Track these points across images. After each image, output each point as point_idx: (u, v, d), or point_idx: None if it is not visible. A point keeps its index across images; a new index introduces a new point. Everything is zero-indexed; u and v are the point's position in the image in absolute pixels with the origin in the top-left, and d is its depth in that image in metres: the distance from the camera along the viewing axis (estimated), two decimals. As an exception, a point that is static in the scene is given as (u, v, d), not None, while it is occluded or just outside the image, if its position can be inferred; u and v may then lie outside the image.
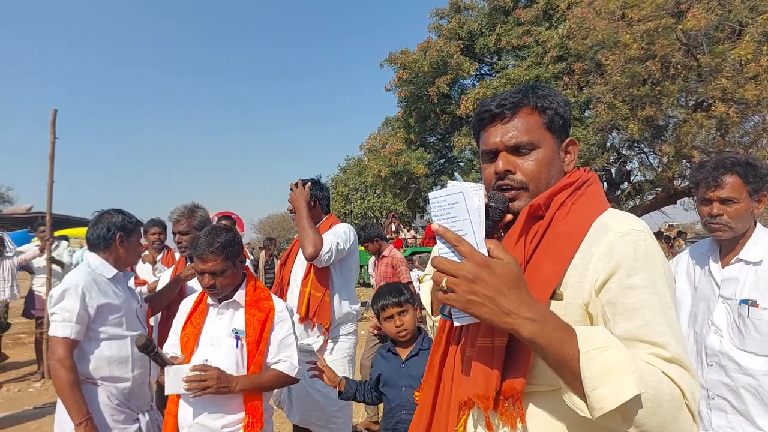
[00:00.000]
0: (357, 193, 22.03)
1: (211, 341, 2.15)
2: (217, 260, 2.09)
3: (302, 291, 2.93)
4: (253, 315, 2.16)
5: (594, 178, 1.17)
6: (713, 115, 11.03)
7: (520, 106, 1.15)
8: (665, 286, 0.98)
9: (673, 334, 0.94)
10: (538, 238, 1.08)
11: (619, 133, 13.71)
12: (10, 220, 15.44)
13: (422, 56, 15.08)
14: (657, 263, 1.00)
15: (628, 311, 0.96)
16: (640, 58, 11.27)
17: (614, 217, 1.07)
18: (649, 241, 1.02)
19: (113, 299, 2.34)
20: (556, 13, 15.28)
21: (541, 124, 1.15)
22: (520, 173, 1.14)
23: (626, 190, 15.21)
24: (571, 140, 1.20)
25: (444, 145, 18.23)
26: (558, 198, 1.11)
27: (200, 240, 2.11)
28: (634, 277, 0.97)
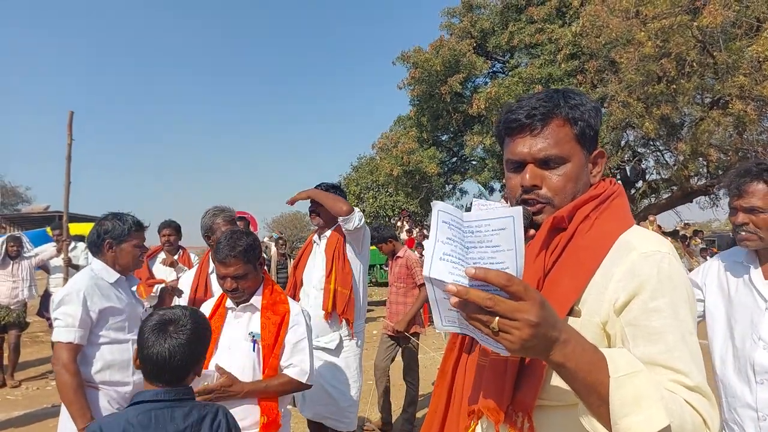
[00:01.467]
0: (369, 192, 22.05)
1: (229, 344, 2.18)
2: (239, 264, 2.12)
3: (327, 288, 3.07)
4: (269, 318, 2.19)
5: (620, 191, 1.15)
6: (730, 113, 10.88)
7: (551, 116, 1.10)
8: (687, 311, 0.98)
9: (695, 362, 0.94)
10: (559, 250, 1.06)
11: (634, 131, 13.58)
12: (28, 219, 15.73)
13: (434, 55, 15.05)
14: (680, 287, 0.99)
15: (651, 335, 0.95)
16: (654, 55, 11.14)
17: (638, 236, 1.05)
18: (674, 264, 1.01)
19: (116, 303, 2.36)
20: (569, 10, 15.15)
21: (572, 137, 1.10)
22: (547, 188, 1.10)
23: (641, 189, 15.05)
24: (600, 151, 1.17)
25: (456, 143, 18.17)
26: (582, 210, 1.08)
27: (221, 245, 2.14)
28: (658, 300, 0.96)
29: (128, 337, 2.39)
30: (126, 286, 2.51)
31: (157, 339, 1.43)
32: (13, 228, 14.47)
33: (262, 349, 2.15)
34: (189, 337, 1.45)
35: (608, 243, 1.03)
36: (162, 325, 1.46)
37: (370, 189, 22.23)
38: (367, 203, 21.61)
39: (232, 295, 2.18)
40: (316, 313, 3.04)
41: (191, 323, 1.49)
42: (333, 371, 3.06)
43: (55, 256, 6.73)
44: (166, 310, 1.53)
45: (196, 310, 1.61)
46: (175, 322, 1.48)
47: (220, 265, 2.14)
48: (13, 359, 6.17)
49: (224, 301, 2.27)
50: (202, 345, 1.54)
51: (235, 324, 2.22)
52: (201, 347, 1.53)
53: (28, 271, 6.45)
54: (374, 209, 21.31)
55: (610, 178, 1.20)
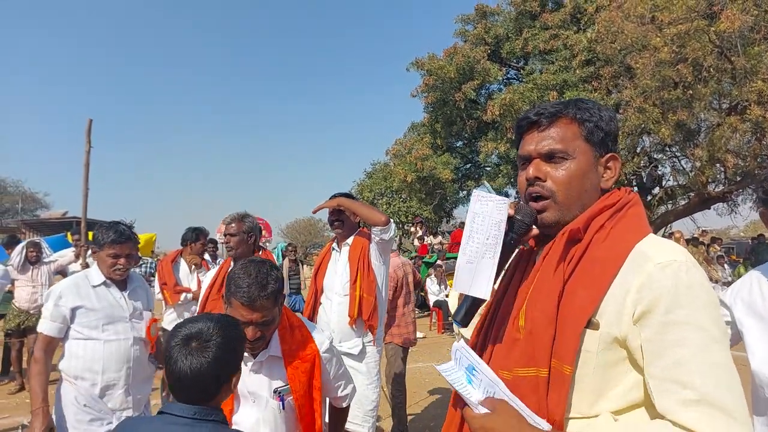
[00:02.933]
0: (383, 198, 22.06)
1: (252, 398, 1.81)
2: (268, 308, 1.69)
3: (352, 295, 3.13)
4: (297, 368, 1.83)
5: (635, 199, 1.13)
6: (748, 119, 10.72)
7: (558, 115, 1.14)
8: (709, 320, 0.94)
9: (711, 371, 0.90)
10: (575, 262, 1.06)
11: (650, 137, 13.43)
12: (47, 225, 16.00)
13: (448, 62, 15.06)
14: (700, 295, 0.95)
15: (665, 349, 0.94)
16: (670, 61, 11.03)
17: (654, 245, 1.03)
18: (692, 272, 0.97)
19: (90, 303, 2.52)
20: (583, 16, 15.08)
21: (579, 135, 1.13)
22: (551, 181, 1.12)
23: (658, 195, 14.86)
24: (613, 155, 1.15)
25: (470, 150, 18.13)
26: (597, 221, 1.07)
27: (242, 280, 1.66)
28: (675, 312, 0.94)
29: (102, 336, 2.52)
30: (115, 289, 2.63)
31: (179, 355, 1.28)
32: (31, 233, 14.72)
33: (294, 401, 1.82)
34: (215, 353, 1.29)
35: (624, 253, 1.02)
36: (185, 341, 1.30)
37: (383, 195, 22.25)
38: (380, 209, 21.62)
39: (252, 346, 1.73)
40: (340, 319, 3.15)
41: (219, 337, 1.31)
42: (355, 376, 3.12)
43: (73, 261, 6.86)
44: (192, 323, 1.36)
45: (227, 321, 1.40)
46: (199, 337, 1.31)
47: (245, 309, 1.66)
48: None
49: None
50: (233, 360, 1.36)
51: (253, 376, 1.82)
52: (231, 363, 1.36)
53: (47, 276, 6.56)
54: (388, 215, 21.31)
55: (626, 187, 1.18)
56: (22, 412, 5.23)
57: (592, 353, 1.00)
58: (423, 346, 8.64)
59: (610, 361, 1.00)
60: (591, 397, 1.00)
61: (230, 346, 1.35)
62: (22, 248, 6.41)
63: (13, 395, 6.03)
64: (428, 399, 5.64)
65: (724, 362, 0.91)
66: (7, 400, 5.86)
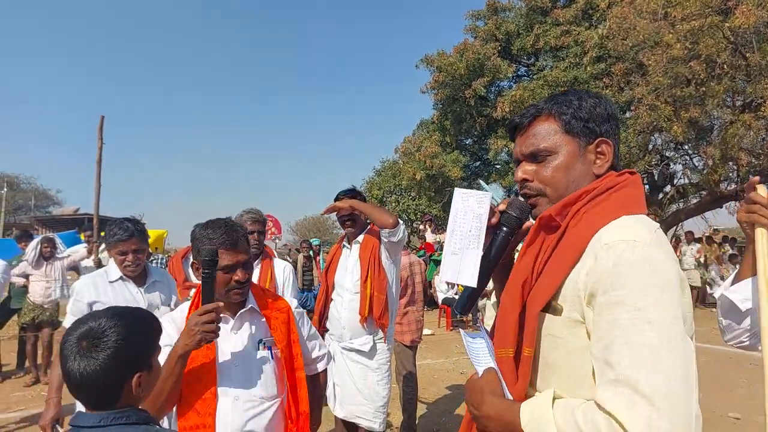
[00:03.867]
0: (392, 195, 22.09)
1: (235, 362, 1.80)
2: (247, 250, 1.82)
3: (363, 293, 3.12)
4: (277, 318, 1.91)
5: (625, 182, 1.10)
6: (762, 116, 10.59)
7: (536, 115, 1.18)
8: (647, 300, 0.90)
9: (635, 352, 0.87)
10: (551, 249, 1.08)
11: (662, 135, 13.31)
12: (59, 221, 16.19)
13: (459, 58, 14.99)
14: (642, 275, 0.92)
15: (602, 330, 0.93)
16: (683, 58, 10.91)
17: (611, 227, 1.02)
18: (639, 251, 0.94)
19: (105, 298, 2.59)
20: (595, 12, 14.95)
21: (558, 130, 1.15)
22: (537, 180, 1.17)
23: (670, 193, 14.74)
24: (603, 140, 1.15)
25: (480, 147, 18.06)
26: (575, 207, 1.08)
27: (223, 231, 1.76)
28: (612, 292, 0.93)
29: None
30: (132, 284, 2.70)
31: (69, 357, 1.15)
32: (44, 230, 14.91)
33: (280, 351, 1.87)
34: (107, 353, 1.14)
35: (586, 238, 1.03)
36: (78, 340, 1.16)
37: (392, 193, 22.27)
38: (389, 207, 21.64)
39: (240, 290, 1.79)
40: (351, 316, 3.16)
41: (113, 334, 1.16)
42: (366, 372, 3.16)
43: (86, 257, 6.95)
44: (86, 320, 1.20)
45: (124, 314, 1.24)
46: (88, 336, 1.16)
47: (230, 252, 1.74)
48: (47, 357, 6.37)
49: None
50: (133, 357, 1.19)
51: (233, 336, 1.84)
52: (131, 360, 1.19)
53: (60, 271, 6.66)
54: (397, 213, 21.32)
55: (624, 170, 1.15)
56: (38, 405, 5.32)
57: (561, 338, 1.03)
58: (431, 343, 8.66)
59: (580, 346, 1.00)
60: (569, 383, 1.02)
61: (128, 341, 1.18)
62: (37, 243, 6.52)
63: (28, 387, 6.14)
64: (437, 395, 5.66)
65: (655, 343, 0.86)
66: (23, 392, 5.97)
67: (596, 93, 1.21)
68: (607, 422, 0.83)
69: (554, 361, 1.05)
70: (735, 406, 4.99)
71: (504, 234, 1.22)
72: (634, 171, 1.15)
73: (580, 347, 1.00)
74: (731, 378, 6.08)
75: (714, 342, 8.07)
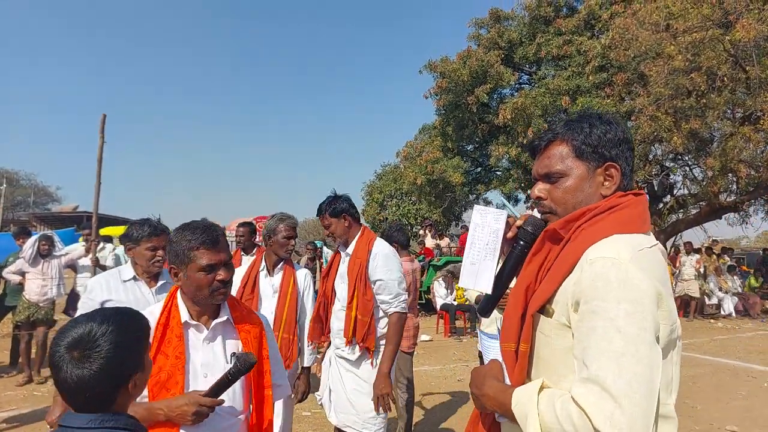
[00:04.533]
0: (392, 200, 22.09)
1: (204, 372, 1.74)
2: (227, 247, 1.79)
3: (348, 315, 2.97)
4: (249, 332, 1.83)
5: (628, 202, 1.21)
6: (762, 129, 10.64)
7: (552, 140, 1.30)
8: (618, 312, 1.02)
9: (604, 357, 1.00)
10: (553, 259, 1.22)
11: (662, 146, 13.34)
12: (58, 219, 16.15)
13: (462, 65, 15.04)
14: (615, 289, 1.04)
15: (581, 334, 1.07)
16: (684, 69, 10.97)
17: (598, 244, 1.14)
18: (610, 269, 1.07)
19: (117, 297, 2.58)
20: (598, 23, 15.03)
21: (570, 154, 1.27)
22: (550, 200, 1.30)
23: (669, 204, 14.76)
24: (611, 164, 1.25)
25: (481, 153, 18.09)
26: (575, 223, 1.21)
27: (202, 230, 1.73)
28: (590, 303, 1.07)
29: None
30: (144, 285, 2.69)
31: (61, 364, 1.12)
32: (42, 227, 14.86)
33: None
34: (101, 361, 1.12)
35: (579, 253, 1.16)
36: (69, 348, 1.13)
37: (393, 197, 22.28)
38: (389, 211, 21.65)
39: (223, 290, 1.74)
40: (341, 327, 3.02)
41: (106, 341, 1.14)
42: (354, 380, 3.02)
43: (83, 255, 6.91)
44: (75, 326, 1.17)
45: (116, 317, 1.21)
46: (80, 344, 1.13)
47: (212, 251, 1.70)
48: (41, 355, 6.32)
49: (174, 316, 1.76)
50: (127, 360, 1.18)
51: (205, 347, 1.77)
52: (126, 364, 1.18)
53: (57, 269, 6.62)
54: (397, 217, 21.33)
55: (630, 191, 1.26)
56: (29, 405, 5.28)
57: (550, 337, 1.19)
58: (429, 350, 8.63)
59: (565, 346, 1.15)
60: (554, 377, 1.17)
61: (122, 347, 1.16)
62: (35, 241, 6.47)
63: (20, 387, 6.07)
64: (434, 402, 5.63)
65: (623, 351, 0.99)
66: (15, 392, 5.90)
67: (610, 118, 1.30)
68: (578, 413, 0.97)
69: (544, 356, 1.20)
70: (733, 419, 4.96)
71: (520, 247, 1.35)
72: (641, 192, 1.27)
73: (564, 347, 1.15)
74: (729, 390, 6.06)
75: (712, 354, 8.06)
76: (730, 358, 7.92)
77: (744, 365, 7.47)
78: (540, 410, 1.05)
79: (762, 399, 5.77)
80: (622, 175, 1.25)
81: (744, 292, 13.44)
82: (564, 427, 0.99)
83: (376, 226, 20.94)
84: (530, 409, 1.06)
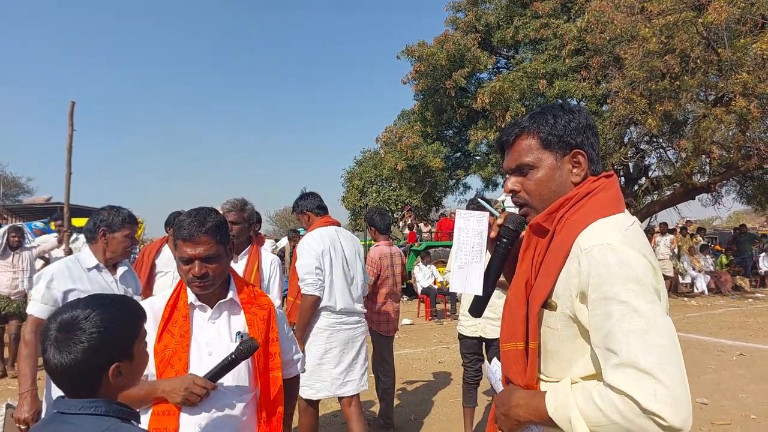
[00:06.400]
0: (373, 186, 22.04)
1: (208, 350, 1.77)
2: (211, 243, 1.73)
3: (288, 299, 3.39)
4: (255, 314, 1.85)
5: (602, 186, 1.25)
6: (733, 110, 10.86)
7: (518, 133, 1.34)
8: (628, 293, 1.06)
9: (629, 338, 1.02)
10: (544, 252, 1.25)
11: (637, 128, 13.54)
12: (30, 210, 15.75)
13: (439, 49, 14.99)
14: (618, 272, 1.08)
15: (598, 322, 1.09)
16: (658, 52, 11.12)
17: (588, 232, 1.17)
18: (607, 254, 1.10)
19: (82, 286, 2.52)
20: (574, 6, 15.08)
21: (537, 146, 1.31)
22: (524, 192, 1.33)
23: (644, 186, 15.03)
24: (577, 151, 1.29)
25: (460, 138, 18.13)
26: (557, 214, 1.24)
27: (185, 221, 1.74)
28: (598, 291, 1.09)
29: None
30: (107, 272, 2.66)
31: (47, 347, 1.15)
32: (14, 219, 14.53)
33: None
34: (84, 345, 1.13)
35: (569, 243, 1.19)
36: (57, 331, 1.15)
37: (373, 183, 22.23)
38: (370, 197, 21.62)
39: (199, 284, 1.73)
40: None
41: (91, 326, 1.15)
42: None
43: (56, 247, 6.79)
44: (65, 310, 1.19)
45: (105, 303, 1.22)
46: (66, 327, 1.15)
47: (186, 244, 1.71)
48: (14, 349, 6.21)
49: (183, 297, 1.81)
50: (111, 348, 1.18)
51: (211, 326, 1.81)
52: (110, 351, 1.18)
53: (28, 261, 6.49)
54: (377, 203, 21.33)
55: (601, 174, 1.29)
56: (3, 398, 5.21)
57: (555, 329, 1.21)
58: (410, 333, 8.72)
59: (571, 335, 1.19)
60: (565, 365, 1.21)
61: (104, 334, 1.16)
62: (3, 233, 6.33)
63: (-5, 381, 5.99)
64: (415, 385, 5.71)
65: (645, 328, 1.02)
66: (-9, 385, 5.82)
67: (572, 107, 1.35)
68: (621, 399, 0.99)
69: (552, 348, 1.23)
70: (702, 391, 5.13)
71: (504, 245, 1.41)
72: (611, 173, 1.30)
73: (570, 336, 1.19)
74: (700, 364, 6.26)
75: (685, 330, 8.29)
76: (701, 334, 8.16)
77: (714, 340, 7.71)
78: (580, 407, 1.05)
79: (730, 372, 5.98)
80: (589, 160, 1.29)
81: (716, 271, 13.82)
82: (611, 417, 1.00)
83: (357, 213, 20.93)
84: (571, 410, 1.07)
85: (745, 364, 6.31)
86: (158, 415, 1.67)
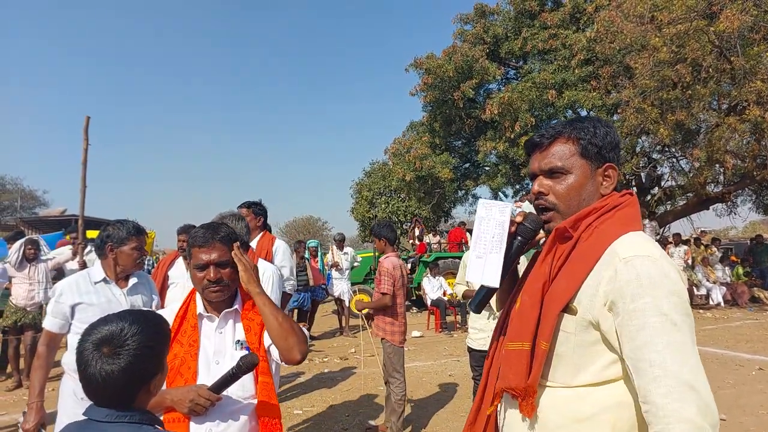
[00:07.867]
0: (381, 197, 22.08)
1: (216, 359, 1.85)
2: (224, 249, 1.83)
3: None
4: (252, 320, 1.92)
5: (628, 202, 1.27)
6: (747, 119, 10.73)
7: (557, 136, 1.33)
8: (668, 307, 1.07)
9: (669, 351, 1.04)
10: (565, 256, 1.25)
11: (649, 138, 13.43)
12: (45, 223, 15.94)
13: (447, 61, 15.02)
14: (661, 285, 1.09)
15: (632, 332, 1.09)
16: (669, 61, 11.04)
17: (624, 242, 1.18)
18: (651, 266, 1.11)
19: (88, 299, 2.57)
20: (583, 16, 15.08)
21: (575, 152, 1.30)
22: (553, 195, 1.32)
23: (657, 196, 14.87)
24: (610, 165, 1.31)
25: (469, 149, 18.09)
26: (585, 221, 1.24)
27: (200, 231, 1.86)
28: (637, 301, 1.09)
29: None
30: (115, 286, 2.70)
31: (90, 360, 1.18)
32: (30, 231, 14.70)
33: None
34: (128, 360, 1.19)
35: (600, 250, 1.19)
36: (98, 345, 1.19)
37: (382, 194, 22.28)
38: (379, 208, 21.64)
39: (214, 289, 1.81)
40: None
41: (133, 341, 1.21)
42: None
43: (71, 259, 6.85)
44: (105, 324, 1.24)
45: (145, 319, 1.29)
46: (112, 341, 1.19)
47: (201, 251, 1.80)
48: (29, 360, 6.26)
49: (191, 307, 1.91)
50: (150, 364, 1.25)
51: (218, 335, 1.88)
52: (148, 367, 1.24)
53: (44, 273, 6.57)
54: (386, 214, 21.34)
55: (623, 191, 1.32)
56: (19, 410, 5.22)
57: (571, 334, 1.21)
58: (420, 345, 8.64)
59: (587, 341, 1.19)
60: (572, 370, 1.21)
61: (147, 349, 1.23)
62: (20, 245, 6.42)
63: (10, 392, 6.03)
64: (425, 397, 5.64)
65: (682, 340, 1.05)
66: (5, 397, 5.86)
67: (608, 122, 1.35)
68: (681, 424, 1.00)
69: (563, 352, 1.22)
70: (720, 407, 4.96)
71: (519, 243, 1.39)
72: (632, 192, 1.32)
73: (587, 342, 1.19)
74: (718, 379, 6.12)
75: (701, 344, 8.13)
76: (718, 348, 8.00)
77: (732, 354, 7.55)
78: None
79: (750, 387, 5.84)
80: (617, 176, 1.32)
81: (732, 282, 13.59)
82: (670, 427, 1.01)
83: (366, 224, 20.93)
84: None
85: (765, 380, 6.15)
86: (169, 423, 1.75)
